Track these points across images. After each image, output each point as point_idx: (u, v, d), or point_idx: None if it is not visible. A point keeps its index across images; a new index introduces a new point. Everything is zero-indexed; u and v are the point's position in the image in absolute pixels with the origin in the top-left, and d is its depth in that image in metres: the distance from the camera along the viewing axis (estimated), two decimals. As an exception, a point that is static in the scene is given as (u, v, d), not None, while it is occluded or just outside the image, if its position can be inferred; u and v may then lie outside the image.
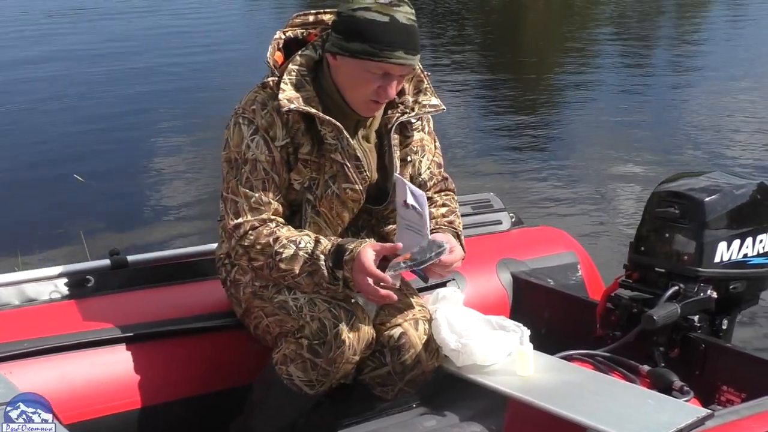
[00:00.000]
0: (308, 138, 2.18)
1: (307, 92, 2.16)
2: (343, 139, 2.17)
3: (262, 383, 2.25)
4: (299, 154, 2.18)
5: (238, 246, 2.18)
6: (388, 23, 2.07)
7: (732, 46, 12.72)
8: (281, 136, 2.16)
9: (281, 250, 2.11)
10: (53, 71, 10.78)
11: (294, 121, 2.17)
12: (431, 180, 2.38)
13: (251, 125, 2.17)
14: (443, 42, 12.95)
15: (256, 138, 2.16)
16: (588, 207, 5.97)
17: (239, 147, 2.18)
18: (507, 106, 9.23)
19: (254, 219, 2.16)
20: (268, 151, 2.16)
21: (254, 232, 2.15)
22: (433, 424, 2.79)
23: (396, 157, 2.27)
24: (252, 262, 2.17)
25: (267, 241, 2.13)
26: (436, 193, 2.40)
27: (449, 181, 2.44)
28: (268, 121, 2.16)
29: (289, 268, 2.11)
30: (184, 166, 6.99)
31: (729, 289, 2.54)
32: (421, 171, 2.35)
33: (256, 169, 2.17)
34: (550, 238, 3.25)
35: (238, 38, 13.46)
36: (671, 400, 2.09)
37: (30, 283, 2.45)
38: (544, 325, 2.78)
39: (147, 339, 2.37)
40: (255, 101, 2.19)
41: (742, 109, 8.85)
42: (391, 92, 2.14)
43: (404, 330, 2.22)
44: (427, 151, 2.37)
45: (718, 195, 2.52)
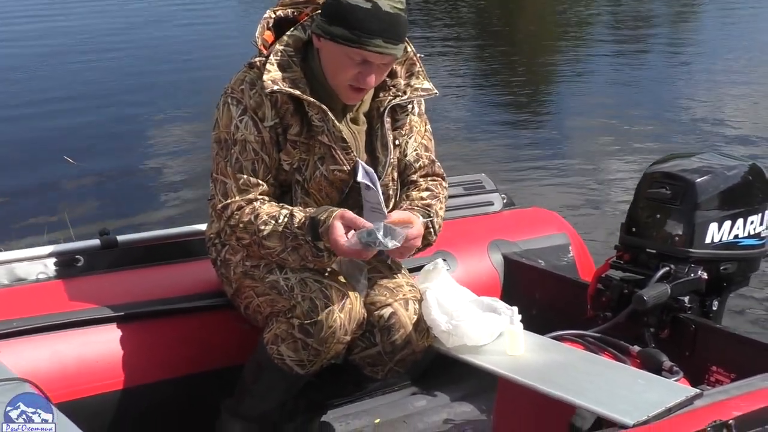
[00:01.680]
0: (297, 119, 2.17)
1: (293, 73, 2.15)
2: (328, 121, 2.16)
3: (253, 363, 2.25)
4: (288, 135, 2.17)
5: (227, 226, 2.18)
6: (370, 10, 2.05)
7: (727, 32, 12.73)
8: (270, 117, 2.16)
9: (262, 227, 2.11)
10: (43, 50, 10.72)
11: (282, 102, 2.16)
12: (417, 162, 2.35)
13: (240, 105, 2.16)
14: (437, 25, 12.92)
15: (245, 118, 2.15)
16: (580, 188, 5.99)
17: (228, 127, 2.17)
18: (500, 90, 9.23)
19: (241, 199, 2.15)
20: (257, 132, 2.15)
21: (239, 212, 2.15)
22: (423, 404, 2.81)
23: (390, 140, 2.26)
24: (240, 241, 2.17)
25: (249, 219, 2.13)
26: (422, 177, 2.36)
27: (437, 165, 2.41)
28: (256, 101, 2.15)
29: (273, 246, 2.11)
30: (175, 147, 6.97)
31: (719, 270, 2.54)
32: (407, 152, 2.33)
33: (246, 150, 2.16)
34: (541, 219, 3.25)
35: (235, 17, 13.41)
36: (660, 380, 2.10)
37: (19, 263, 2.44)
38: (536, 305, 2.78)
39: (137, 318, 2.36)
40: (244, 81, 2.18)
41: (735, 92, 8.86)
42: (370, 80, 2.12)
43: (394, 310, 2.22)
44: (415, 133, 2.35)
45: (709, 176, 2.52)
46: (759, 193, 2.59)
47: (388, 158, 2.25)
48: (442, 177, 2.42)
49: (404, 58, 2.27)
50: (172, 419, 2.37)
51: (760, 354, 2.29)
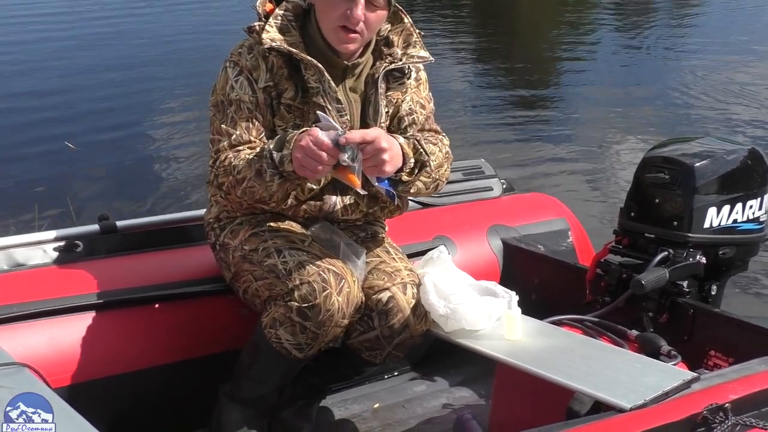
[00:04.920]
0: (291, 83, 2.20)
1: (292, 37, 2.19)
2: (324, 82, 2.18)
3: (251, 347, 2.25)
4: (282, 99, 2.20)
5: (215, 179, 2.20)
6: None
7: (729, 21, 12.66)
8: (264, 79, 2.19)
9: (237, 162, 2.13)
10: (45, 35, 10.69)
11: (278, 66, 2.19)
12: (411, 115, 2.34)
13: (236, 67, 2.21)
14: (438, 10, 12.87)
15: (240, 79, 2.20)
16: (579, 173, 5.99)
17: (224, 89, 2.22)
18: (501, 75, 9.21)
19: (231, 152, 2.17)
20: (251, 92, 2.19)
21: (225, 160, 2.17)
22: (422, 389, 2.82)
23: (382, 105, 2.26)
24: (221, 187, 2.19)
25: (229, 161, 2.15)
26: (418, 132, 2.34)
27: (431, 120, 2.39)
28: (252, 63, 2.20)
29: (243, 176, 2.12)
30: (175, 132, 6.97)
31: (718, 254, 2.53)
32: (401, 108, 2.33)
33: (240, 109, 2.19)
34: (541, 204, 3.25)
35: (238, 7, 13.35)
36: (658, 364, 2.10)
37: (19, 248, 2.44)
38: (535, 290, 2.78)
39: (136, 304, 2.37)
40: (243, 46, 2.24)
41: (736, 78, 8.83)
42: (357, 15, 2.12)
43: (392, 294, 2.22)
44: (411, 93, 2.35)
45: (708, 160, 2.52)
46: (758, 178, 2.59)
47: (378, 123, 2.25)
48: (440, 133, 2.40)
49: (401, 28, 2.31)
50: (170, 404, 2.38)
51: (758, 338, 2.29)
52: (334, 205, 2.29)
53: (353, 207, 2.33)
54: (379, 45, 2.31)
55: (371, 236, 2.41)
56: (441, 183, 2.33)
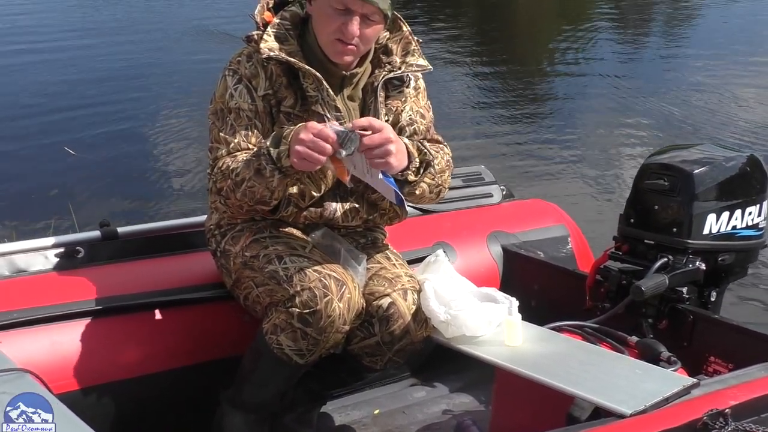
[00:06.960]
0: (291, 92, 2.21)
1: (290, 46, 2.20)
2: (323, 91, 2.19)
3: (252, 353, 2.26)
4: (282, 107, 2.21)
5: (213, 185, 2.20)
6: None
7: (728, 25, 12.68)
8: (263, 87, 2.20)
9: (235, 165, 2.14)
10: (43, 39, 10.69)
11: (277, 75, 2.20)
12: (411, 125, 2.35)
13: (235, 75, 2.22)
14: (437, 16, 12.89)
15: (240, 87, 2.21)
16: (579, 180, 5.99)
17: (223, 97, 2.22)
18: (499, 81, 9.21)
19: (228, 158, 2.18)
20: (251, 100, 2.20)
21: (223, 165, 2.17)
22: (422, 395, 2.82)
23: (382, 113, 2.27)
24: (220, 192, 2.18)
25: (227, 165, 2.16)
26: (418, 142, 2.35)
27: (432, 130, 2.40)
28: (251, 71, 2.21)
29: (242, 177, 2.12)
30: (175, 139, 6.97)
31: (717, 260, 2.54)
32: (401, 117, 2.34)
33: (240, 117, 2.20)
34: (540, 211, 3.25)
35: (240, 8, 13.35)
36: (658, 370, 2.11)
37: (20, 254, 2.45)
38: (534, 297, 2.79)
39: (137, 310, 2.37)
40: (242, 54, 2.25)
41: (735, 84, 8.84)
42: (352, 29, 2.13)
43: (393, 300, 2.23)
44: (410, 102, 2.36)
45: (707, 167, 2.53)
46: (757, 184, 2.60)
47: None
48: (442, 143, 2.41)
49: (400, 36, 2.32)
50: (172, 410, 2.38)
51: (757, 344, 2.30)
52: (335, 211, 2.30)
53: (353, 213, 2.33)
54: (377, 53, 2.33)
55: (371, 242, 2.42)
56: (443, 189, 2.35)
